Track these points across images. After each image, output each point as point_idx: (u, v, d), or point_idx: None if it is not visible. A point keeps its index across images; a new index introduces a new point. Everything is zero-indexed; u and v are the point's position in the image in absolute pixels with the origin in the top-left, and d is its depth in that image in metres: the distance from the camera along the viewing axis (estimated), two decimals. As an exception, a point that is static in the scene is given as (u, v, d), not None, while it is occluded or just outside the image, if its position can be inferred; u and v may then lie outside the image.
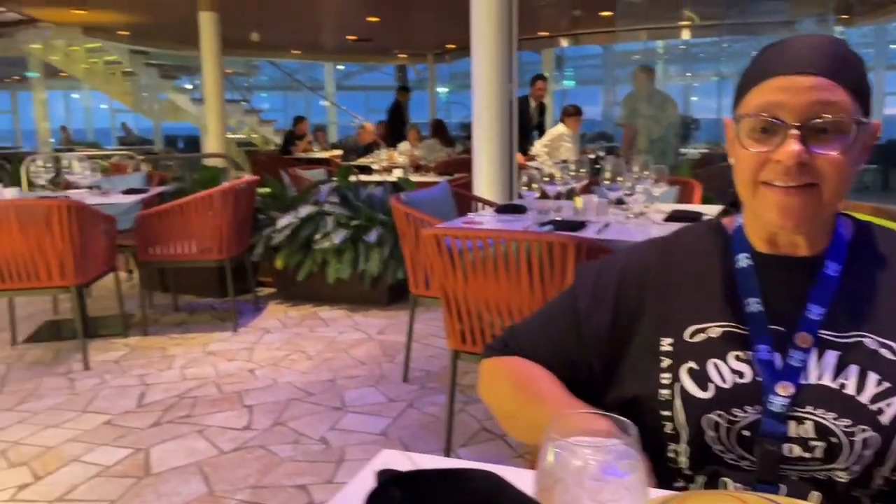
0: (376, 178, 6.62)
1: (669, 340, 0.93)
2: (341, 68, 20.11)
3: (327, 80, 18.67)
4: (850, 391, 0.84)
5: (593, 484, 0.55)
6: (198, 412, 3.09)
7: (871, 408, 0.83)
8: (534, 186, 2.94)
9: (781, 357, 0.87)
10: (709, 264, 0.97)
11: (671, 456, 0.91)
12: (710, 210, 3.01)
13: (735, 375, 0.88)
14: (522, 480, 0.74)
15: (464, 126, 15.08)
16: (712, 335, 0.91)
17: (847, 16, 9.52)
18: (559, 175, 3.02)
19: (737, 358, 0.88)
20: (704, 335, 0.91)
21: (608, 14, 9.86)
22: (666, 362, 0.92)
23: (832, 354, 0.86)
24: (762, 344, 0.88)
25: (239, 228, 4.33)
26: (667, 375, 0.91)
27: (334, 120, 18.38)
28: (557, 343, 1.02)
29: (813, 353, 0.87)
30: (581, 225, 2.64)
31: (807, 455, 0.84)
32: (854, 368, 0.85)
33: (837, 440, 0.83)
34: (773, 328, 0.89)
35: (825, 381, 0.85)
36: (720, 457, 0.88)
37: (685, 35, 11.49)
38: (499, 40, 4.35)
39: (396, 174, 6.83)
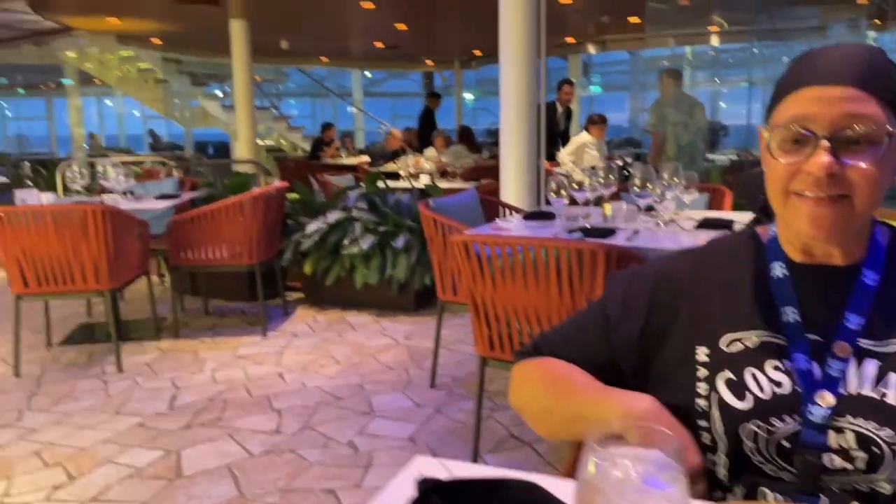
0: (403, 185, 6.64)
1: (705, 350, 0.93)
2: (369, 75, 20.26)
3: (355, 87, 18.83)
4: (892, 400, 0.83)
5: (635, 496, 0.55)
6: (228, 415, 3.13)
7: None
8: (562, 193, 2.93)
9: (819, 367, 0.86)
10: (743, 273, 0.96)
11: (709, 467, 0.91)
12: (741, 217, 2.97)
13: (773, 385, 0.87)
14: (559, 490, 0.75)
15: (490, 132, 15.10)
16: (749, 344, 0.90)
17: (880, 21, 9.36)
18: (588, 182, 3.02)
19: (774, 367, 0.88)
20: (741, 344, 0.91)
21: (636, 20, 9.81)
22: (702, 372, 0.92)
23: (872, 363, 0.85)
24: (799, 353, 0.87)
25: (269, 234, 4.38)
26: (703, 385, 0.91)
27: (361, 126, 18.51)
28: (588, 348, 1.02)
29: (852, 363, 0.86)
30: (610, 232, 2.63)
31: (848, 466, 0.83)
32: (895, 377, 0.84)
33: (879, 451, 0.82)
34: (811, 337, 0.88)
35: (865, 391, 0.84)
36: (759, 467, 0.87)
37: (714, 41, 11.38)
38: (526, 47, 4.35)
39: (423, 180, 6.86)
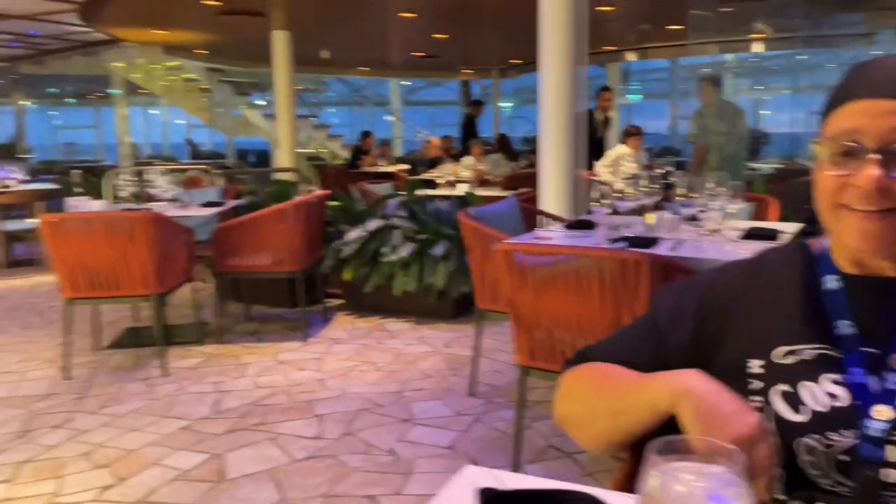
0: (442, 192, 6.67)
1: (759, 362, 0.92)
2: (407, 84, 20.41)
3: (393, 96, 18.97)
4: None
5: None
6: (270, 420, 3.17)
7: None
8: (604, 202, 2.92)
9: (876, 380, 0.85)
10: (796, 285, 0.96)
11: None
12: (788, 227, 2.92)
13: (830, 398, 0.86)
14: (617, 503, 0.75)
15: (527, 140, 15.07)
16: (804, 357, 0.90)
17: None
18: (630, 191, 3.00)
19: (830, 381, 0.87)
20: (795, 357, 0.90)
21: (677, 28, 9.71)
22: (756, 384, 0.91)
23: None
24: (855, 366, 0.86)
25: (310, 241, 4.43)
26: (757, 398, 0.90)
27: (399, 135, 18.64)
28: (636, 359, 1.02)
29: None
30: (653, 242, 2.60)
31: None
32: None
33: None
34: (866, 350, 0.87)
35: None
36: (816, 482, 0.86)
37: (758, 48, 11.20)
38: (566, 55, 4.35)
39: (462, 188, 6.88)
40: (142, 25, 9.69)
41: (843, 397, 0.86)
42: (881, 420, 0.83)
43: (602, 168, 6.85)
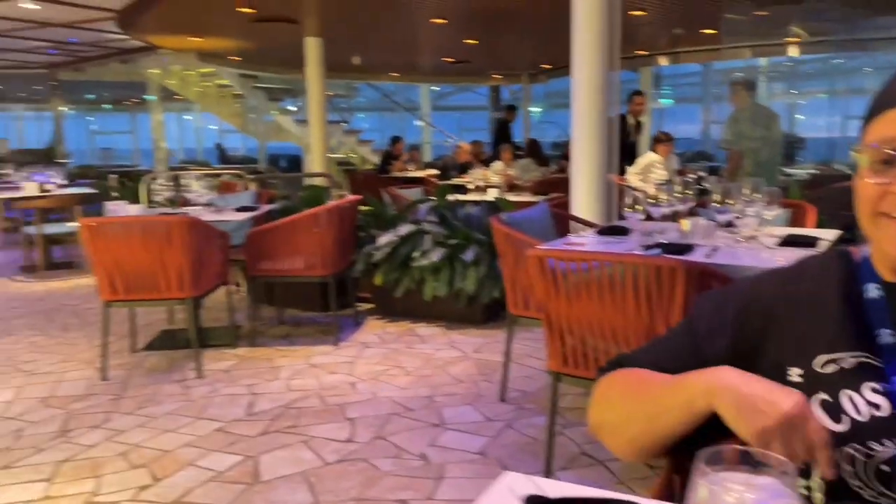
0: (473, 198, 6.68)
1: (799, 371, 0.91)
2: (436, 89, 20.47)
3: (423, 101, 19.04)
4: None
5: None
6: (303, 423, 3.20)
7: None
8: (638, 208, 2.90)
9: None
10: (836, 293, 0.94)
11: (803, 493, 0.89)
12: (826, 234, 2.88)
13: (871, 408, 0.85)
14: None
15: (556, 145, 15.03)
16: (845, 366, 0.89)
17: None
18: (664, 197, 2.97)
19: (871, 389, 0.86)
20: (836, 366, 0.89)
21: (710, 32, 9.61)
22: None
23: None
24: None
25: (342, 246, 4.47)
26: None
27: (428, 140, 18.69)
28: (674, 366, 1.01)
29: None
30: (688, 248, 2.58)
31: None
32: None
33: None
34: None
35: None
36: (857, 492, 0.85)
37: (793, 52, 11.04)
38: (598, 59, 4.34)
39: (491, 193, 6.88)
40: (177, 33, 9.87)
41: (885, 407, 0.85)
42: None
43: (632, 175, 6.81)
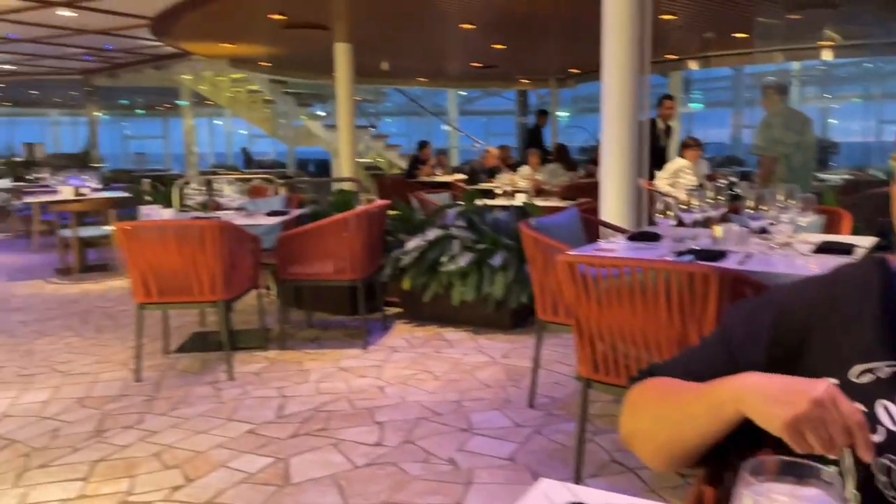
0: (501, 202, 6.68)
1: (834, 381, 0.90)
2: (463, 94, 20.49)
3: (450, 106, 19.08)
4: None
5: None
6: (332, 426, 3.22)
7: None
8: (669, 214, 2.88)
9: None
10: (873, 302, 0.93)
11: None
12: (862, 241, 2.83)
13: None
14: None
15: (584, 150, 14.96)
16: (881, 375, 0.87)
17: None
18: (696, 202, 2.95)
19: None
20: (872, 375, 0.88)
21: (742, 35, 9.50)
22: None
23: None
24: None
25: (371, 250, 4.49)
26: None
27: (455, 144, 18.72)
28: (707, 375, 1.00)
29: None
30: (721, 255, 2.55)
31: None
32: None
33: None
34: None
35: None
36: (892, 503, 0.84)
37: (826, 56, 10.87)
38: (629, 64, 4.31)
39: (519, 198, 6.87)
40: (210, 39, 10.01)
41: None
42: None
43: (661, 180, 6.75)
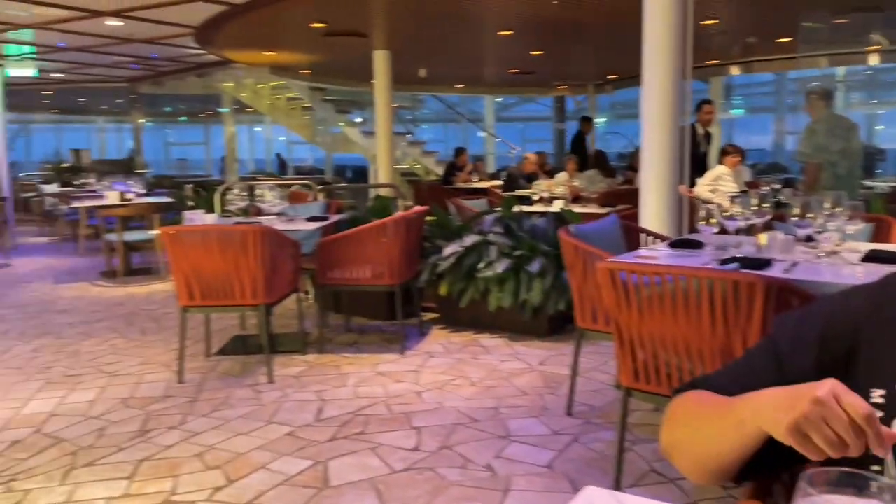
0: (538, 209, 6.65)
1: (881, 392, 0.88)
2: (500, 100, 20.50)
3: (487, 112, 19.09)
4: None
5: None
6: (370, 430, 3.24)
7: None
8: (712, 221, 2.84)
9: None
10: None
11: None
12: (913, 250, 2.75)
13: None
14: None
15: (622, 156, 14.83)
16: None
17: None
18: (739, 210, 2.90)
19: None
20: None
21: (785, 40, 9.34)
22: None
23: None
24: None
25: (409, 256, 4.52)
26: None
27: (492, 151, 18.72)
28: (753, 387, 0.99)
29: None
30: (766, 263, 2.51)
31: None
32: None
33: None
34: None
35: None
36: None
37: (872, 60, 10.62)
38: (669, 69, 4.27)
39: (557, 205, 6.83)
40: (252, 48, 10.19)
41: None
42: None
43: (702, 187, 6.67)
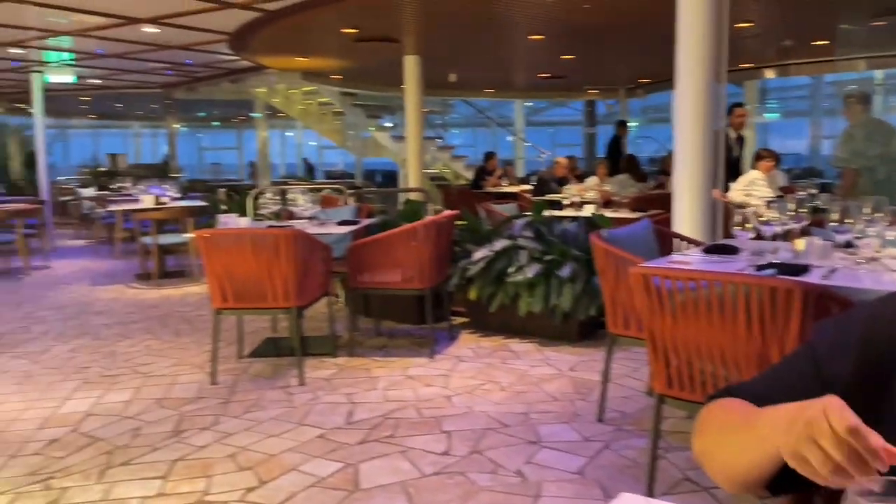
0: (569, 213, 6.62)
1: None
2: (529, 104, 20.45)
3: (517, 117, 19.06)
4: None
5: None
6: (400, 433, 3.25)
7: None
8: (748, 226, 2.80)
9: None
10: None
11: None
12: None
13: None
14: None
15: (654, 160, 14.69)
16: None
17: None
18: (775, 215, 2.86)
19: None
20: None
21: (822, 43, 9.18)
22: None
23: None
24: None
25: (439, 260, 4.52)
26: None
27: (521, 155, 18.67)
28: (790, 394, 0.97)
29: None
30: (804, 269, 2.46)
31: None
32: None
33: None
34: None
35: None
36: None
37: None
38: (704, 73, 4.22)
39: (588, 209, 6.79)
40: (284, 53, 10.30)
41: None
42: None
43: (735, 192, 6.58)
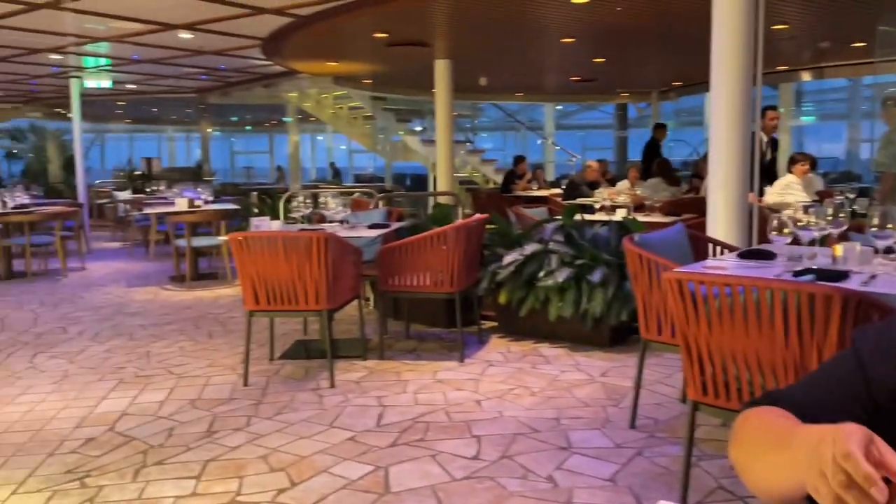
0: (600, 217, 6.56)
1: None
2: (559, 108, 20.37)
3: (547, 120, 19.00)
4: None
5: None
6: (430, 437, 3.25)
7: None
8: (785, 231, 2.75)
9: None
10: None
11: None
12: None
13: None
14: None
15: (686, 164, 14.51)
16: None
17: None
18: (813, 220, 2.81)
19: None
20: None
21: (860, 45, 8.99)
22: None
23: None
24: None
25: (469, 264, 4.52)
26: None
27: (551, 159, 18.61)
28: (833, 401, 0.94)
29: None
30: (843, 275, 2.41)
31: None
32: None
33: None
34: None
35: None
36: None
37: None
38: (739, 75, 4.16)
39: (620, 213, 6.73)
40: (316, 58, 10.39)
41: None
42: None
43: (770, 196, 6.48)
